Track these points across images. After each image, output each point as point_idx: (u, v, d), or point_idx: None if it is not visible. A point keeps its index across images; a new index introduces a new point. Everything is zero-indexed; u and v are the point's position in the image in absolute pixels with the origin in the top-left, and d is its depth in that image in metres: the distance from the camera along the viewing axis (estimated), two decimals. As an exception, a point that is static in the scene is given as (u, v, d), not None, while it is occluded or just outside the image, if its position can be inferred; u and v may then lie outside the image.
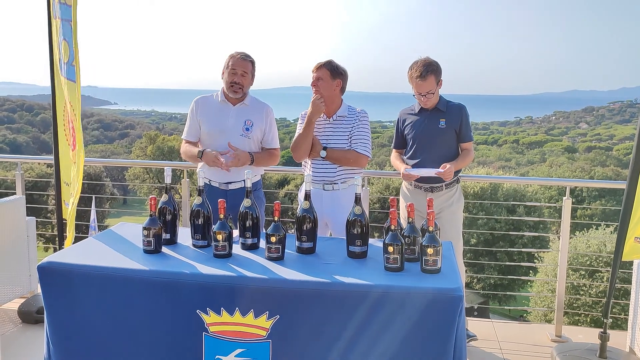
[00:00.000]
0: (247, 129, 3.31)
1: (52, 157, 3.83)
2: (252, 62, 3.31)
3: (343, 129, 3.35)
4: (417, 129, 3.50)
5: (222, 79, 3.33)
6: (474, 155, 3.65)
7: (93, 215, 4.27)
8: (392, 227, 2.27)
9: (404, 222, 3.12)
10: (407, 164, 3.54)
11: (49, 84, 3.68)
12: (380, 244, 2.34)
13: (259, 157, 3.32)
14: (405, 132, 3.57)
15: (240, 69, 3.25)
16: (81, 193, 3.48)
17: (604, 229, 12.85)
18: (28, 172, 20.69)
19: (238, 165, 3.19)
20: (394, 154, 3.71)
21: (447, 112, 3.46)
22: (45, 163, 18.81)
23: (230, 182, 3.31)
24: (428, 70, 3.33)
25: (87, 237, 2.81)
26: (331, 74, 3.30)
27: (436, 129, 3.45)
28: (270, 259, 2.38)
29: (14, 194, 4.19)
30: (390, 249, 2.24)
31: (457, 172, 3.49)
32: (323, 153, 3.31)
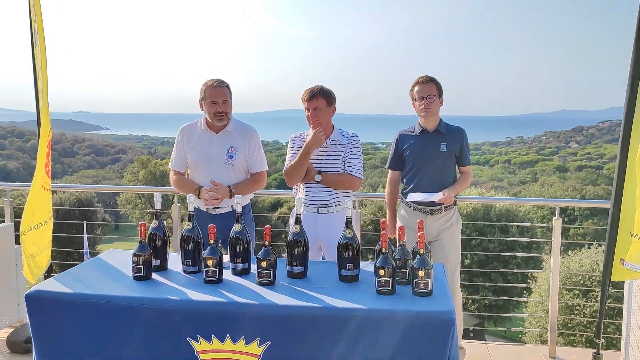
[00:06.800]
0: (231, 157, 3.31)
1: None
2: (228, 87, 3.31)
3: (337, 153, 3.35)
4: (417, 151, 3.45)
5: (203, 109, 3.31)
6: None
7: (85, 242, 4.24)
8: (383, 250, 2.27)
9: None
10: (404, 186, 3.53)
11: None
12: (372, 268, 2.34)
13: (239, 187, 3.29)
14: (405, 153, 3.51)
15: (220, 98, 3.24)
16: (73, 220, 3.43)
17: (597, 248, 12.87)
18: (18, 198, 20.51)
19: (219, 201, 3.21)
20: (390, 175, 3.64)
21: (448, 135, 3.43)
22: (36, 189, 18.64)
23: (217, 207, 3.31)
24: (430, 78, 3.40)
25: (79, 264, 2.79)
26: (327, 102, 3.29)
27: (437, 152, 3.41)
28: (261, 284, 2.36)
29: (2, 221, 4.15)
30: (382, 272, 2.23)
31: None
32: (318, 177, 3.29)
